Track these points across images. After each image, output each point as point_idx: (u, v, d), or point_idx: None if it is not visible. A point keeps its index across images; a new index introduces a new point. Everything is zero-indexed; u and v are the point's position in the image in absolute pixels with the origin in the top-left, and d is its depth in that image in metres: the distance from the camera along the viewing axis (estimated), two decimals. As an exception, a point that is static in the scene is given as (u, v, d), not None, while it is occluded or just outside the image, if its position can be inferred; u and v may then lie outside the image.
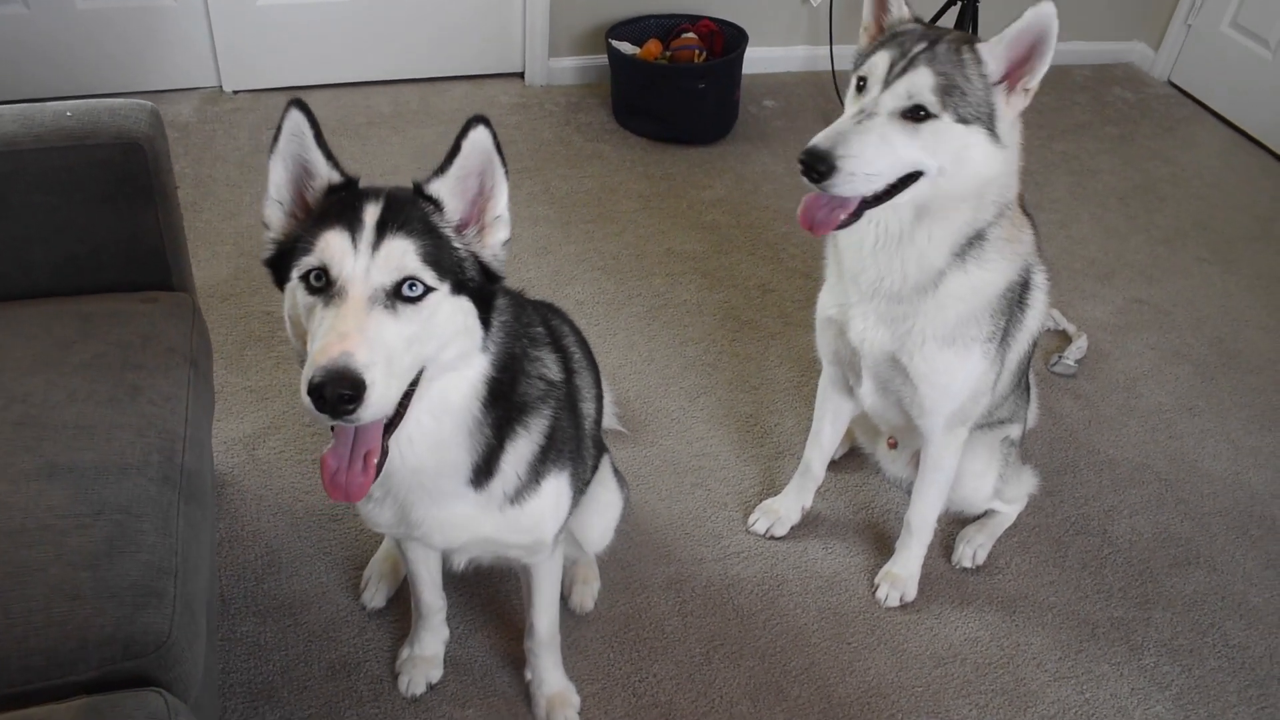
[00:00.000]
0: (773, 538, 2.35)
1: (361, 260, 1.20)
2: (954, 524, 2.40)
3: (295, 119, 1.30)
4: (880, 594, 2.23)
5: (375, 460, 1.28)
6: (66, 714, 1.24)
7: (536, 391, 1.52)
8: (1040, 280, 2.01)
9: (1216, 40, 4.25)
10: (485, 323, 1.35)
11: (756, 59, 4.00)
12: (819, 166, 1.63)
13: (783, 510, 2.36)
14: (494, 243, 1.35)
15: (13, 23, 3.39)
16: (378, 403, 1.17)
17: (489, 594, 2.16)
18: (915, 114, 1.63)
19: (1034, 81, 1.67)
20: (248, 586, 2.12)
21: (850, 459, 2.55)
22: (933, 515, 2.21)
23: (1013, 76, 1.67)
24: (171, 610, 1.39)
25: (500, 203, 1.34)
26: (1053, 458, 2.62)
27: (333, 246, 1.21)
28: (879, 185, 1.68)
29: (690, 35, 3.62)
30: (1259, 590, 2.33)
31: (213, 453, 2.24)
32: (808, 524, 2.37)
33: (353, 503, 1.40)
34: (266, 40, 3.64)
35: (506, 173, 1.33)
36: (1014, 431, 2.26)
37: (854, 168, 1.64)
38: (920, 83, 1.62)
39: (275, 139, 1.31)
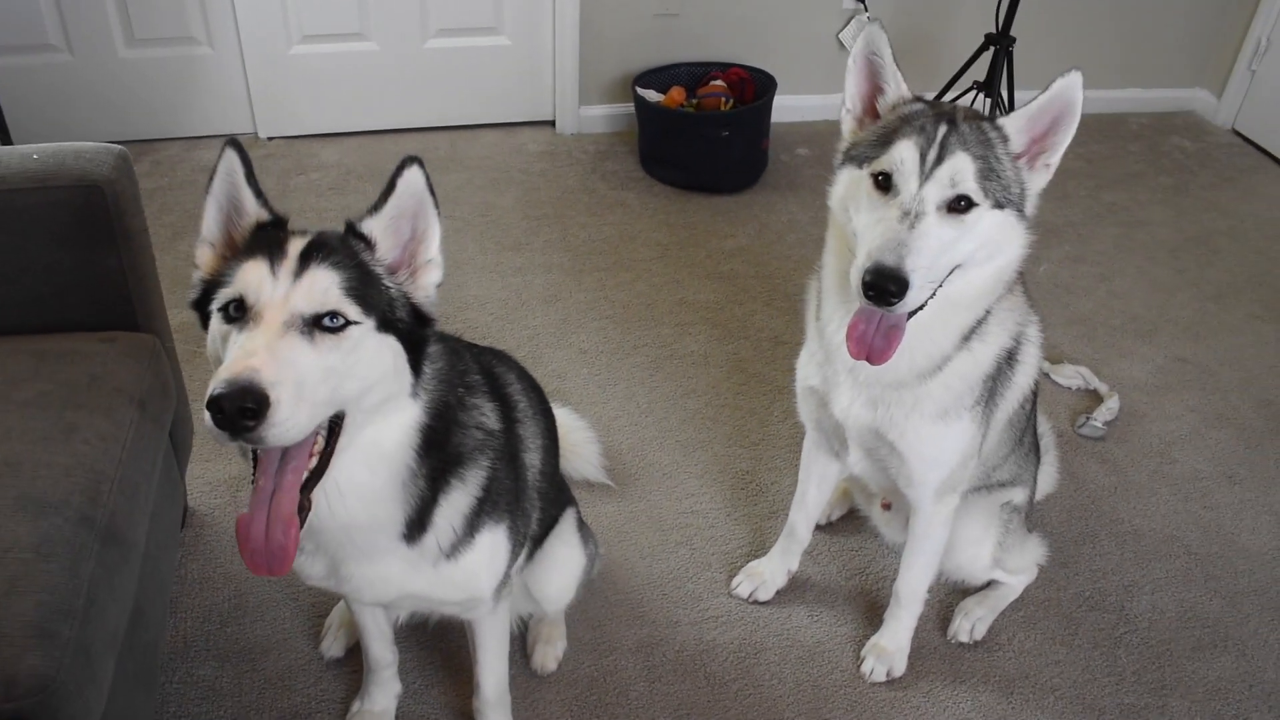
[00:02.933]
0: (756, 602, 2.23)
1: (281, 287, 1.18)
2: (954, 594, 2.25)
3: (229, 159, 1.31)
4: (865, 668, 2.10)
5: (295, 528, 1.22)
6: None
7: (473, 442, 1.46)
8: (1032, 334, 1.87)
9: (1283, 87, 4.04)
10: (416, 368, 1.31)
11: (791, 107, 3.94)
12: (891, 287, 1.46)
13: (767, 574, 2.25)
14: (427, 284, 1.33)
15: (58, 70, 3.53)
16: (284, 424, 1.11)
17: (448, 648, 2.09)
18: (958, 204, 1.51)
19: (1055, 157, 1.58)
20: (211, 629, 2.10)
21: (848, 521, 2.43)
22: (922, 586, 2.07)
23: (1032, 152, 1.58)
24: (62, 653, 1.36)
25: (432, 245, 1.33)
26: (1070, 526, 2.45)
27: (250, 274, 1.19)
28: (931, 292, 1.55)
29: (718, 83, 3.59)
30: (1293, 679, 2.13)
31: (185, 493, 2.25)
32: (795, 589, 2.26)
33: (274, 576, 1.35)
34: (299, 88, 3.73)
35: (439, 214, 1.32)
36: (1017, 496, 2.12)
37: (923, 279, 1.48)
38: (963, 169, 1.50)
39: (210, 180, 1.32)
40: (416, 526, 1.42)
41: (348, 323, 1.20)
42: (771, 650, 2.13)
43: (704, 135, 3.46)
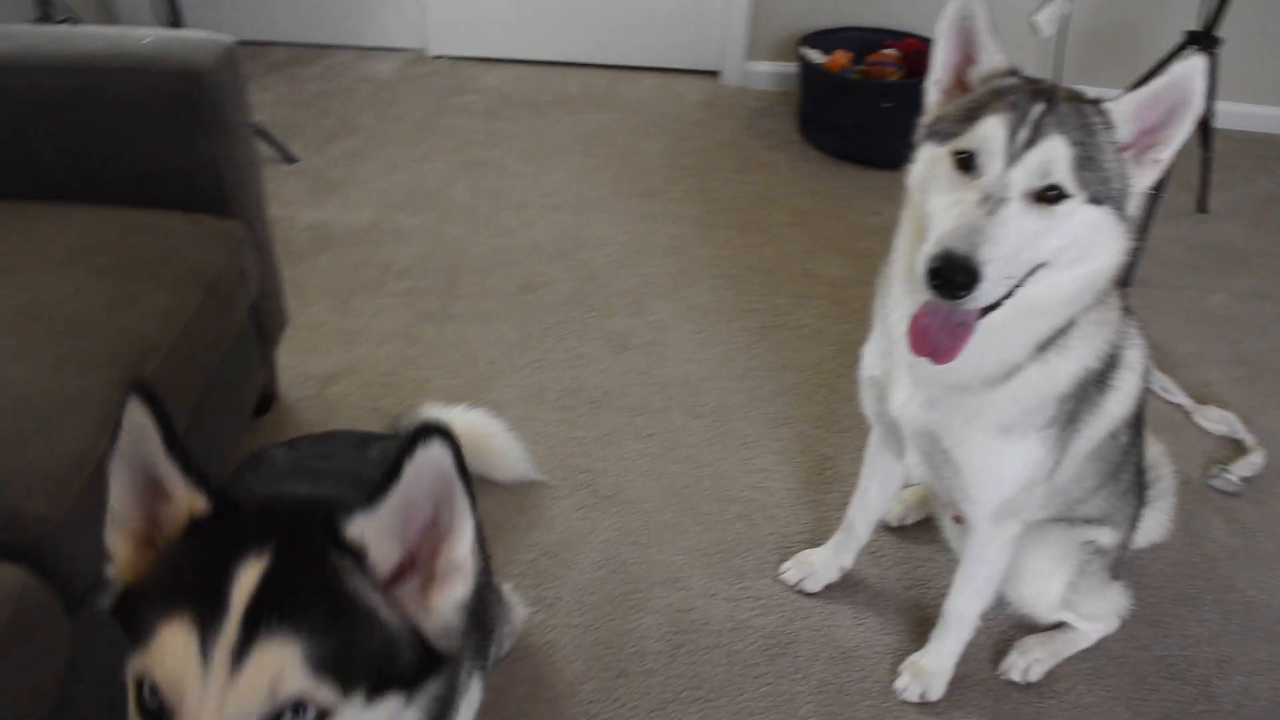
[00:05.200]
0: (802, 592, 2.13)
1: (214, 681, 0.80)
2: (1018, 629, 2.08)
3: (135, 414, 0.91)
4: (899, 684, 1.97)
5: None
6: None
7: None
8: (1134, 359, 1.67)
9: None
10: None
11: (972, 88, 3.68)
12: (959, 278, 1.31)
13: (819, 565, 2.14)
14: (445, 605, 0.94)
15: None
16: None
17: None
18: (1047, 194, 1.34)
19: (1167, 152, 1.38)
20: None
21: (923, 528, 2.28)
22: (972, 611, 1.92)
23: (1141, 144, 1.39)
24: (69, 500, 1.43)
25: (462, 545, 0.93)
26: (1172, 583, 2.21)
27: (170, 652, 0.82)
28: (1008, 290, 1.38)
29: (890, 52, 3.39)
30: (1395, 799, 1.86)
31: (274, 379, 2.36)
32: (846, 586, 2.14)
33: None
34: (473, 11, 3.77)
35: (474, 504, 0.92)
36: (1104, 537, 1.91)
37: (998, 272, 1.32)
38: (1057, 155, 1.32)
39: (115, 436, 0.93)
40: None
41: (323, 714, 0.84)
42: (804, 644, 2.03)
43: (865, 104, 3.29)
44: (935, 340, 1.45)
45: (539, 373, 2.56)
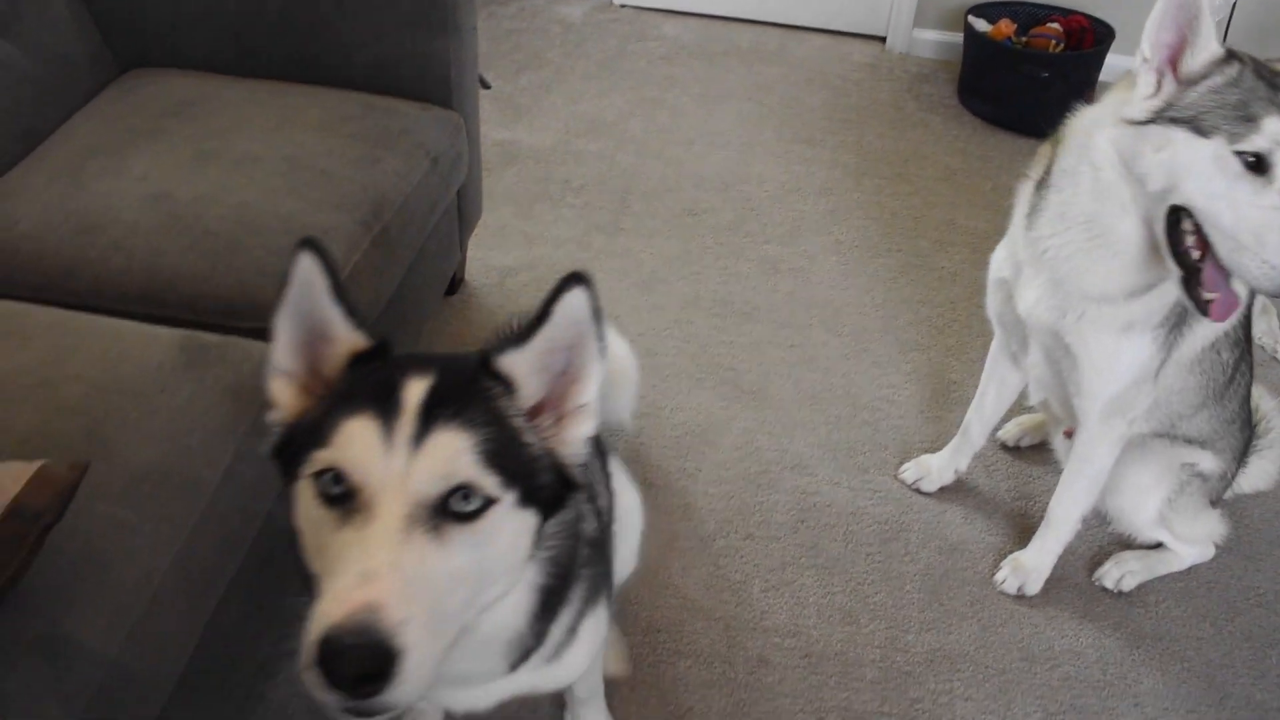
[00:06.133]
0: (917, 490, 2.35)
1: (397, 460, 0.89)
2: (1117, 545, 2.25)
3: (305, 266, 1.03)
4: (999, 576, 2.17)
5: None
6: (214, 339, 1.65)
7: (582, 559, 1.22)
8: None
9: None
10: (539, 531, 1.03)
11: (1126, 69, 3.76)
12: None
13: (935, 468, 2.35)
14: (575, 438, 1.04)
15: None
16: (415, 676, 0.84)
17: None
18: None
19: None
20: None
21: (1037, 451, 2.46)
22: (1075, 511, 2.10)
23: None
24: (320, 308, 1.77)
25: (589, 388, 1.03)
26: (1272, 526, 2.33)
27: (356, 440, 0.91)
28: None
29: (1055, 26, 3.52)
30: None
31: (464, 262, 2.68)
32: (959, 490, 2.35)
33: None
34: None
35: (603, 349, 1.02)
36: (1205, 462, 2.06)
37: None
38: None
39: (283, 290, 1.04)
40: (522, 659, 1.17)
41: (486, 503, 0.92)
42: (914, 533, 2.25)
43: (1023, 73, 3.43)
44: (1230, 306, 1.64)
45: (696, 284, 2.84)
